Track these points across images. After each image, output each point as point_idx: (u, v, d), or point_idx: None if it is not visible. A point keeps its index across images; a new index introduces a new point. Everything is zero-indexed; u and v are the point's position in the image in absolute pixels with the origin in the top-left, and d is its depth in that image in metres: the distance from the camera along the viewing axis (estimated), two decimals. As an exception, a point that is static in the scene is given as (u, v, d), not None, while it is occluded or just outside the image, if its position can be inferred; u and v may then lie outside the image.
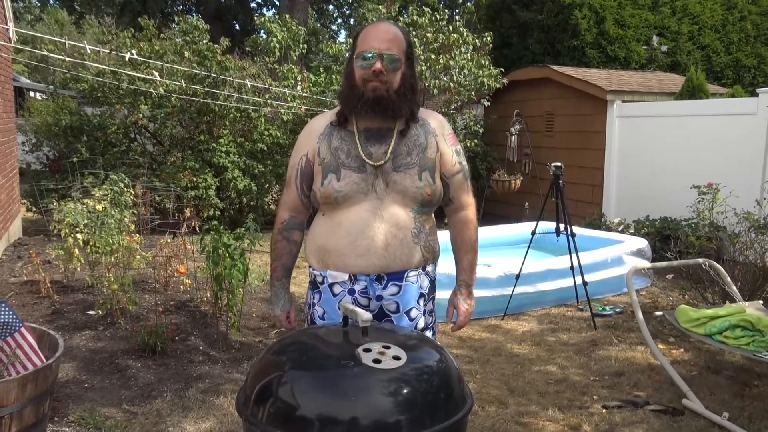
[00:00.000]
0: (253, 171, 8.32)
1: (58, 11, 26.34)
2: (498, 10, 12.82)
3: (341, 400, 1.35)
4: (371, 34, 1.86)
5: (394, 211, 1.87)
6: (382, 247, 1.86)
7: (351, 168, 1.87)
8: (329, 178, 1.87)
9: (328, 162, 1.89)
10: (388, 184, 1.87)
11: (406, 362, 1.44)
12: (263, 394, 1.42)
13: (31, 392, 2.44)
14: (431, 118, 2.00)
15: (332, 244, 1.90)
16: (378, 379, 1.39)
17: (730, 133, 6.72)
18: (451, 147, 1.99)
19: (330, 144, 1.92)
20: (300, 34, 9.52)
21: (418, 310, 1.96)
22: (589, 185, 8.39)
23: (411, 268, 1.92)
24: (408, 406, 1.37)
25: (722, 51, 12.15)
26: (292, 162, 2.00)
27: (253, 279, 5.33)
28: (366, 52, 1.84)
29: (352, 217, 1.86)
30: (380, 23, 1.91)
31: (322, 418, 1.34)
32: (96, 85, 8.11)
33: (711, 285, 4.59)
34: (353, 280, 1.90)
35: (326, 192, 1.87)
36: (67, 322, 4.39)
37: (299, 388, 1.41)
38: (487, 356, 4.16)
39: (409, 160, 1.90)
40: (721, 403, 3.39)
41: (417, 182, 1.88)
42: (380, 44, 1.83)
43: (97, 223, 4.75)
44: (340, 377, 1.40)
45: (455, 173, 1.99)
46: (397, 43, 1.86)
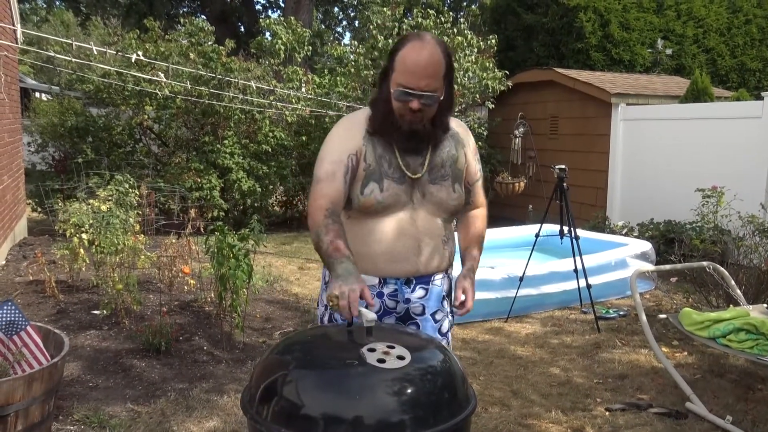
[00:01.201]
0: (258, 172, 8.34)
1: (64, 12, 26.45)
2: (503, 13, 12.82)
3: (345, 399, 1.36)
4: (412, 67, 1.75)
5: (427, 220, 1.89)
6: (414, 254, 1.88)
7: (393, 179, 1.85)
8: (371, 187, 1.83)
9: (373, 169, 1.84)
10: (424, 195, 1.89)
11: (411, 362, 1.44)
12: (268, 393, 1.42)
13: (36, 390, 2.46)
14: (458, 127, 2.00)
15: (363, 249, 1.86)
16: (382, 379, 1.39)
17: (734, 136, 6.71)
18: (475, 157, 2.03)
19: (375, 150, 1.86)
20: (305, 36, 9.54)
21: (443, 312, 2.00)
22: (593, 188, 8.38)
23: (438, 272, 1.97)
24: (412, 406, 1.38)
25: (727, 54, 12.13)
26: (336, 157, 1.83)
27: (257, 280, 5.34)
28: (404, 90, 1.76)
29: (387, 224, 1.86)
30: (423, 48, 1.76)
31: (326, 417, 1.34)
32: (101, 86, 8.15)
33: (715, 288, 4.58)
34: (382, 283, 1.90)
35: (367, 201, 1.83)
36: (72, 321, 4.41)
37: (303, 386, 1.41)
38: (491, 358, 4.16)
39: (444, 172, 1.91)
40: (725, 406, 3.38)
41: (452, 194, 1.92)
42: (419, 81, 1.75)
43: (102, 224, 4.77)
44: (345, 376, 1.40)
45: (476, 181, 2.06)
46: (438, 74, 1.78)
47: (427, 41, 1.79)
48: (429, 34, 1.84)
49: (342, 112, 8.65)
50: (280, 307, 5.10)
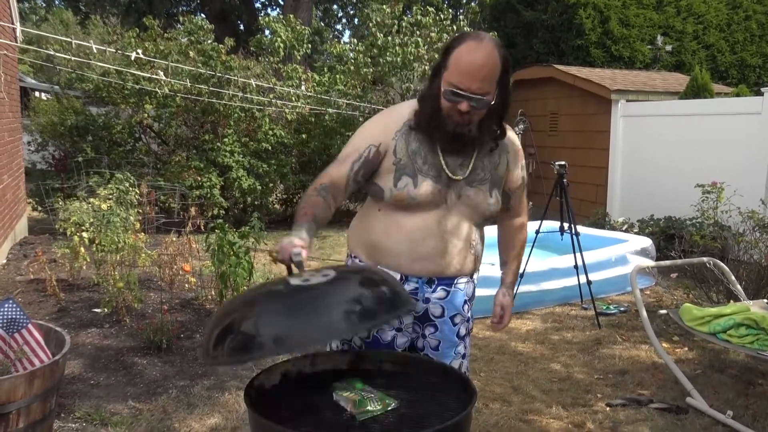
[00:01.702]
0: (258, 170, 8.34)
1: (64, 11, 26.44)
2: (502, 10, 12.82)
3: (276, 316, 1.40)
4: (465, 68, 1.69)
5: (458, 221, 1.86)
6: (440, 255, 1.85)
7: (429, 176, 1.80)
8: (404, 181, 1.80)
9: (404, 164, 1.81)
10: (459, 196, 1.85)
11: (334, 277, 1.47)
12: (218, 338, 1.43)
13: (38, 388, 2.46)
14: (507, 134, 1.94)
15: (388, 244, 1.85)
16: (310, 293, 1.42)
17: (734, 132, 6.71)
18: (518, 164, 1.97)
19: (408, 145, 1.82)
20: (304, 34, 9.54)
21: (463, 317, 1.97)
22: (593, 184, 8.39)
23: (462, 275, 1.94)
24: (343, 304, 1.41)
25: (727, 50, 12.12)
26: (356, 144, 1.84)
27: (257, 277, 5.34)
28: (454, 90, 1.70)
29: (417, 222, 1.82)
30: (479, 49, 1.69)
31: (265, 334, 1.36)
32: (101, 84, 8.15)
33: (715, 284, 4.59)
34: (404, 280, 1.88)
35: (400, 195, 1.81)
36: (73, 319, 4.41)
37: (244, 319, 1.43)
38: (491, 354, 4.17)
39: (483, 175, 1.87)
40: (725, 401, 3.39)
41: (488, 199, 1.88)
42: (472, 83, 1.69)
43: (103, 222, 4.77)
44: (272, 296, 1.47)
45: (518, 187, 2.01)
46: (492, 78, 1.72)
47: (485, 42, 1.72)
48: (488, 36, 1.76)
49: (342, 110, 8.65)
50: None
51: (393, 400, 1.56)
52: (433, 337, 1.94)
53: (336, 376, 1.70)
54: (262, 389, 1.63)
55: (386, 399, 1.56)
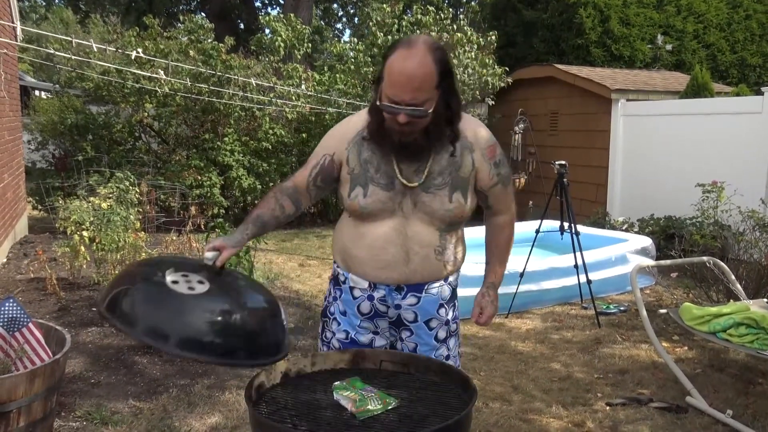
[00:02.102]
0: (258, 169, 8.34)
1: (64, 10, 26.43)
2: (502, 9, 12.81)
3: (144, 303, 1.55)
4: (396, 79, 1.65)
5: (418, 229, 1.82)
6: (402, 263, 1.83)
7: (379, 185, 1.79)
8: (356, 191, 1.80)
9: (357, 174, 1.81)
10: (415, 204, 1.80)
11: (204, 292, 1.59)
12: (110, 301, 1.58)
13: (38, 387, 2.46)
14: (469, 131, 1.84)
15: (354, 251, 1.87)
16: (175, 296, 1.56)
17: (734, 131, 6.71)
18: (489, 161, 1.86)
19: (360, 155, 1.81)
20: (304, 33, 9.54)
21: (439, 321, 1.94)
22: (593, 184, 8.38)
23: (433, 280, 1.90)
24: (193, 323, 1.52)
25: (727, 50, 12.12)
26: (316, 151, 1.91)
27: (257, 276, 5.34)
28: (389, 103, 1.67)
29: (376, 231, 1.82)
30: (409, 58, 1.63)
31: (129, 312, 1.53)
32: (101, 83, 8.15)
33: (715, 283, 4.59)
34: (373, 287, 1.89)
35: (352, 204, 1.82)
36: (73, 318, 4.42)
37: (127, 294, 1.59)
38: (491, 354, 4.17)
39: (441, 180, 1.80)
40: (725, 400, 3.39)
41: (447, 204, 1.80)
42: (404, 95, 1.64)
43: (103, 221, 4.78)
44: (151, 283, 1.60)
45: (493, 185, 1.89)
46: (426, 86, 1.65)
47: (416, 49, 1.64)
48: (422, 39, 1.68)
49: (342, 109, 8.65)
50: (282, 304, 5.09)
51: (393, 399, 1.56)
52: (410, 341, 1.94)
53: (336, 376, 1.71)
54: (263, 388, 1.63)
55: (387, 398, 1.56)
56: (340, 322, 1.96)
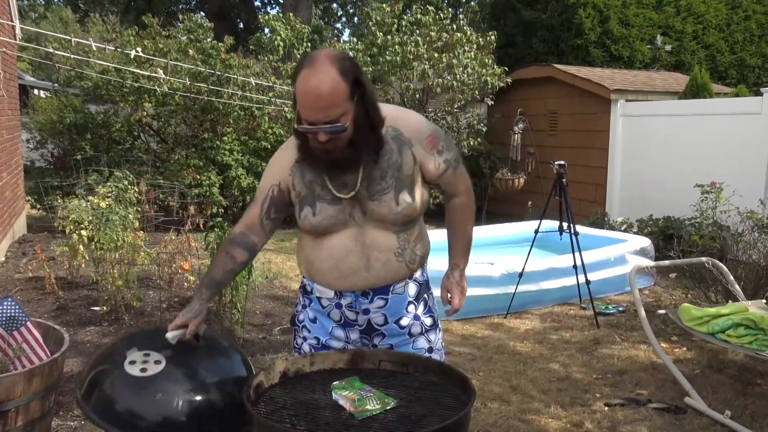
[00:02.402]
0: (257, 169, 8.33)
1: (63, 9, 26.41)
2: (502, 9, 12.81)
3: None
4: (303, 101, 1.63)
5: (375, 236, 1.81)
6: (363, 269, 1.83)
7: (326, 200, 1.79)
8: (305, 211, 1.82)
9: (304, 195, 1.82)
10: (365, 213, 1.79)
11: (160, 372, 1.65)
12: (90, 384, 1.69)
13: (36, 386, 2.46)
14: (404, 126, 1.81)
15: (316, 264, 1.88)
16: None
17: (733, 132, 6.71)
18: (431, 151, 1.83)
19: (304, 177, 1.82)
20: (304, 33, 9.53)
21: (409, 318, 1.93)
22: (592, 184, 8.39)
23: (397, 281, 1.89)
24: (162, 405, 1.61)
25: (726, 50, 12.13)
26: (262, 185, 1.89)
27: (256, 276, 5.35)
28: (304, 125, 1.66)
29: (334, 242, 1.82)
30: (311, 77, 1.60)
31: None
32: (100, 82, 8.14)
33: (714, 284, 4.59)
34: (339, 295, 1.89)
35: (304, 225, 1.84)
36: (72, 317, 4.41)
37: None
38: (490, 354, 4.17)
39: (384, 185, 1.77)
40: (724, 401, 3.39)
41: (395, 208, 1.78)
42: (316, 114, 1.62)
43: (102, 220, 4.77)
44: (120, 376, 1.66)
45: (441, 173, 1.87)
46: (336, 102, 1.62)
47: (318, 66, 1.61)
48: (323, 54, 1.64)
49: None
50: (280, 303, 5.10)
51: (392, 399, 1.56)
52: (384, 344, 1.93)
53: (335, 375, 1.70)
54: (261, 388, 1.63)
55: (385, 398, 1.56)
56: (310, 329, 1.96)
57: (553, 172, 5.13)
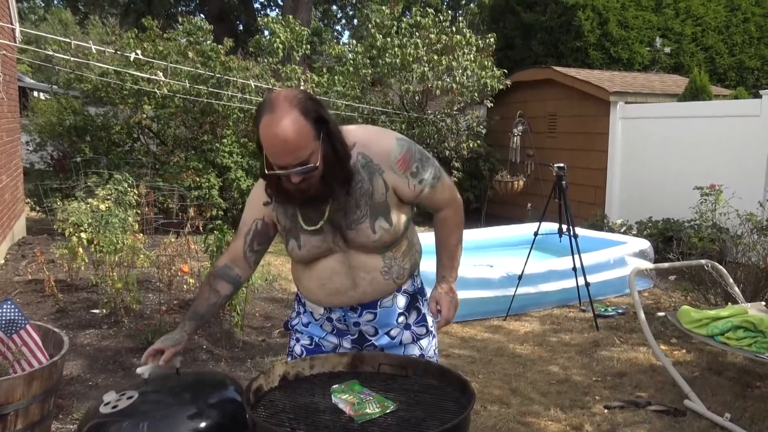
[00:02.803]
0: (257, 171, 8.33)
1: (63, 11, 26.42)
2: (501, 12, 12.83)
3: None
4: (270, 149, 1.62)
5: (360, 259, 1.83)
6: (350, 289, 1.85)
7: (308, 232, 1.81)
8: (291, 244, 1.85)
9: (288, 228, 1.84)
10: (346, 240, 1.80)
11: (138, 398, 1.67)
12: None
13: (36, 389, 2.46)
14: (374, 152, 1.78)
15: (305, 282, 1.91)
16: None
17: (733, 134, 6.72)
18: (403, 175, 1.79)
19: (286, 211, 1.83)
20: (303, 35, 9.54)
21: (398, 328, 1.93)
22: (591, 186, 8.39)
23: (384, 296, 1.90)
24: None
25: (725, 53, 12.14)
26: (245, 218, 1.92)
27: (256, 279, 5.35)
28: (274, 170, 1.65)
29: (320, 267, 1.85)
30: (272, 125, 1.58)
31: None
32: (100, 85, 8.15)
33: (713, 286, 4.59)
34: (329, 310, 1.91)
35: (293, 256, 1.88)
36: (71, 320, 4.41)
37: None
38: (490, 356, 4.17)
39: (359, 213, 1.77)
40: (723, 404, 3.39)
41: (372, 236, 1.78)
42: (285, 159, 1.62)
43: (101, 223, 4.77)
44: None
45: (418, 194, 1.84)
46: (301, 145, 1.60)
47: (279, 110, 1.59)
48: (281, 97, 1.61)
49: (340, 111, 8.66)
50: (280, 305, 5.10)
51: (392, 403, 1.56)
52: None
53: (334, 379, 1.70)
54: (261, 391, 1.63)
55: (385, 401, 1.56)
56: (302, 332, 1.99)
57: (552, 174, 5.13)
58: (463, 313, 5.02)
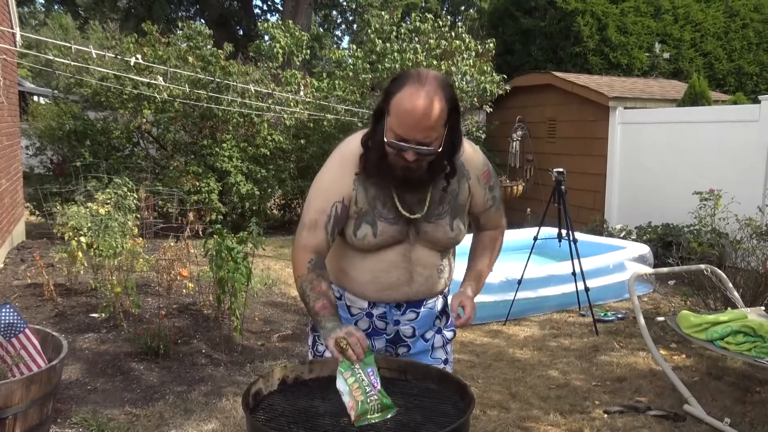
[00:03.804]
0: (256, 176, 8.34)
1: (63, 16, 26.47)
2: (501, 17, 12.87)
3: None
4: (406, 118, 1.60)
5: (422, 254, 1.83)
6: (405, 284, 1.83)
7: (387, 220, 1.77)
8: (364, 230, 1.76)
9: (365, 212, 1.77)
10: (419, 233, 1.80)
11: None
12: None
13: (35, 393, 2.45)
14: (466, 158, 1.82)
15: (353, 272, 1.84)
16: None
17: (732, 139, 6.73)
18: (484, 186, 1.87)
19: (367, 192, 1.76)
20: (303, 40, 9.56)
21: (433, 330, 1.96)
22: (591, 191, 8.40)
23: (432, 296, 1.91)
24: None
25: (724, 58, 12.17)
26: (321, 206, 1.76)
27: (255, 282, 5.34)
28: (398, 140, 1.62)
29: (381, 256, 1.81)
30: (420, 97, 1.58)
31: None
32: (99, 89, 8.16)
33: (713, 291, 4.59)
34: (372, 305, 1.88)
35: (362, 243, 1.78)
36: (70, 324, 4.40)
37: None
38: (489, 361, 4.17)
39: (441, 209, 1.80)
40: (723, 408, 3.39)
41: (449, 233, 1.82)
42: (416, 133, 1.61)
43: (101, 227, 4.77)
44: None
45: (487, 209, 1.92)
46: (437, 125, 1.62)
47: (427, 86, 1.60)
48: (432, 75, 1.63)
49: (340, 115, 8.66)
50: (279, 310, 5.10)
51: (393, 408, 1.55)
52: (407, 356, 1.93)
53: (333, 383, 1.70)
54: (260, 395, 1.63)
55: (387, 403, 1.55)
56: None
57: (551, 179, 5.14)
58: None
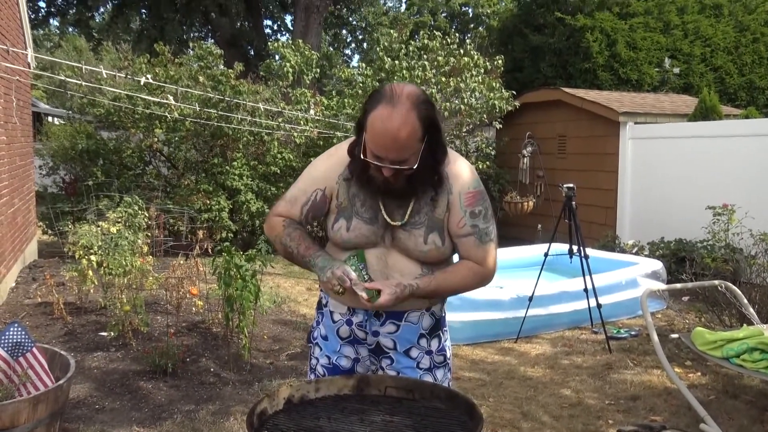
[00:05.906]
0: (266, 194, 8.37)
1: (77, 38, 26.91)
2: (510, 35, 12.93)
3: None
4: (379, 138, 1.63)
5: (398, 260, 1.81)
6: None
7: (363, 219, 1.79)
8: (340, 224, 1.81)
9: (344, 207, 1.82)
10: (393, 238, 1.80)
11: None
12: None
13: (42, 413, 2.45)
14: (453, 173, 1.80)
15: None
16: None
17: (744, 153, 6.67)
18: (465, 207, 1.79)
19: (349, 189, 1.81)
20: (313, 59, 9.63)
21: (419, 350, 1.89)
22: (602, 207, 8.35)
23: (414, 309, 1.86)
24: None
25: (735, 73, 12.13)
26: (303, 187, 1.86)
27: (264, 301, 5.31)
28: (374, 156, 1.67)
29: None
30: (391, 117, 1.60)
31: None
32: (112, 109, 8.25)
33: (728, 307, 4.52)
34: (352, 312, 1.87)
35: (335, 237, 1.84)
36: (79, 343, 4.40)
37: None
38: (500, 379, 4.11)
39: (418, 219, 1.78)
40: (740, 428, 3.32)
41: (421, 245, 1.78)
42: (388, 153, 1.64)
43: (111, 245, 4.78)
44: None
45: (463, 235, 1.80)
46: (408, 145, 1.64)
47: (399, 106, 1.61)
48: (405, 94, 1.63)
49: (350, 133, 8.69)
50: (288, 328, 5.07)
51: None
52: (390, 369, 1.90)
53: (340, 401, 1.68)
54: (265, 415, 1.61)
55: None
56: (322, 348, 1.95)
57: (562, 195, 5.11)
58: (472, 335, 4.99)
